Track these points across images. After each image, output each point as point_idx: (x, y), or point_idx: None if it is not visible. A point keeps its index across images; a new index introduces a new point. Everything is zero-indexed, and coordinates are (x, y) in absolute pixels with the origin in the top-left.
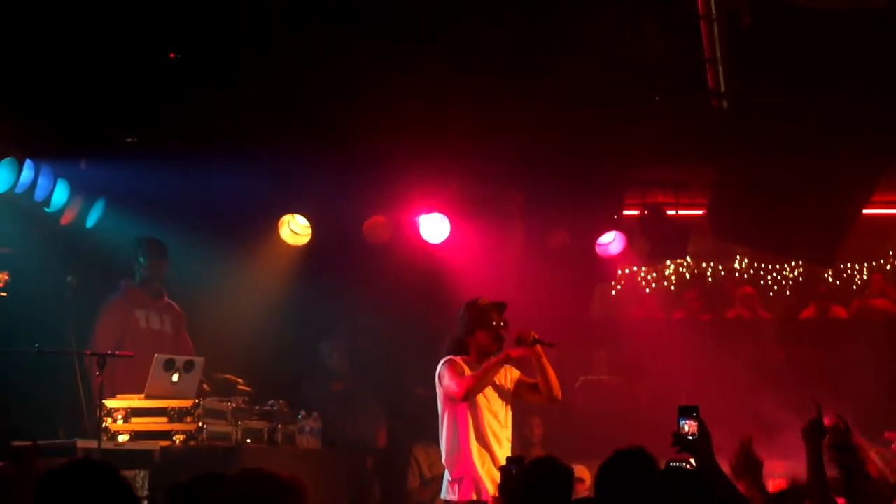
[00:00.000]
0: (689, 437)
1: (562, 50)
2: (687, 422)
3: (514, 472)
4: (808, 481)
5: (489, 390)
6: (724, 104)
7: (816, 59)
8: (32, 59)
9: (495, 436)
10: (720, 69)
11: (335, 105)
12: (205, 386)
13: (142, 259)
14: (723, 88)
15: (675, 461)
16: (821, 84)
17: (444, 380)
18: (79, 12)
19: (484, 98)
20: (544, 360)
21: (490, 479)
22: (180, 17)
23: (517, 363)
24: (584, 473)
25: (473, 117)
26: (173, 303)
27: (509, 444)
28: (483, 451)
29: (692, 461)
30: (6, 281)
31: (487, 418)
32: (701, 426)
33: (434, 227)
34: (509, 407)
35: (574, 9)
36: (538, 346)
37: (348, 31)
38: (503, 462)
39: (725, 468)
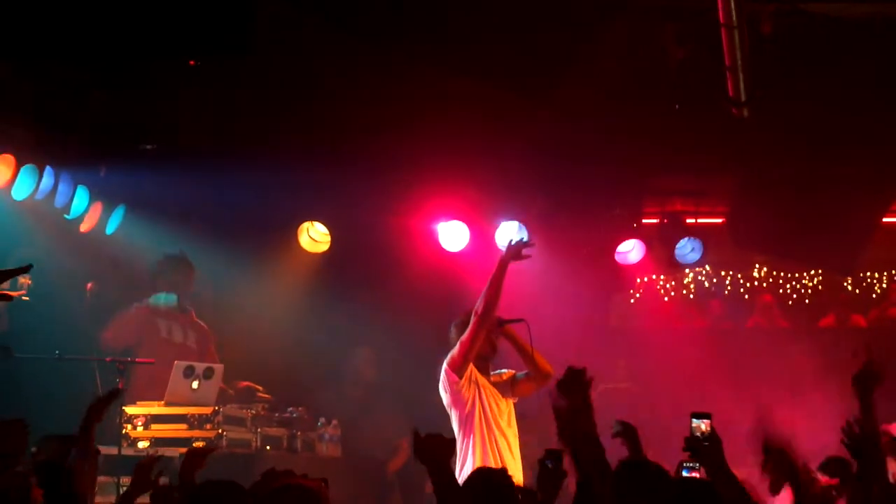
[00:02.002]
0: (703, 441)
1: (582, 58)
2: (699, 426)
3: (552, 467)
4: (861, 430)
5: (496, 409)
6: (745, 112)
7: (836, 66)
8: (52, 67)
9: (510, 451)
10: (741, 77)
11: (355, 112)
12: (230, 391)
13: (167, 276)
14: (743, 97)
15: (689, 462)
16: (840, 92)
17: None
18: (98, 19)
19: (503, 106)
20: (519, 339)
21: None
22: (199, 25)
23: (498, 359)
24: None
25: (493, 125)
26: (201, 322)
27: (519, 457)
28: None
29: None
30: (28, 286)
31: (497, 437)
32: (712, 432)
33: (453, 235)
34: (514, 420)
35: (594, 17)
36: (506, 327)
37: (368, 39)
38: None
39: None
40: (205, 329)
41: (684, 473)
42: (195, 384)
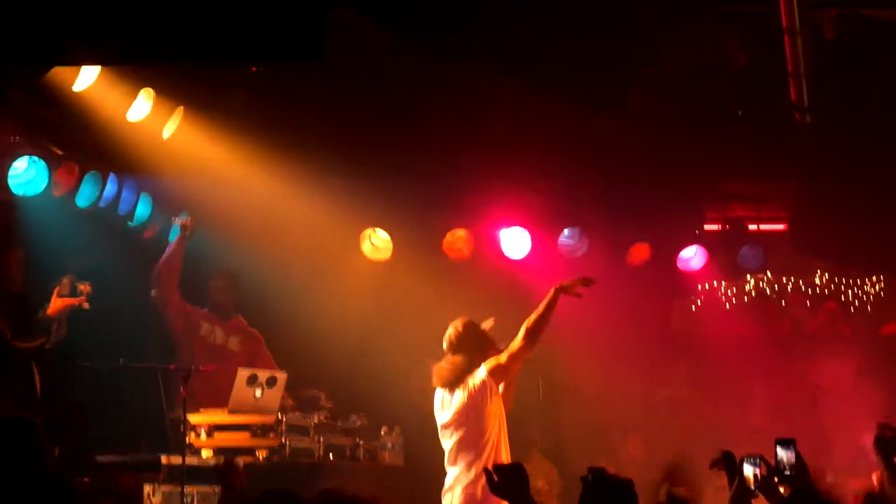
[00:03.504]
0: (787, 473)
1: (644, 64)
2: (784, 453)
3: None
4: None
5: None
6: (808, 118)
7: None
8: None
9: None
10: (803, 83)
11: (416, 119)
12: (289, 401)
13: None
14: (806, 102)
15: (752, 456)
16: None
17: (496, 370)
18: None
19: (565, 113)
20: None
21: None
22: (264, 30)
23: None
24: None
25: (554, 132)
26: (251, 329)
27: None
28: None
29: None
30: (88, 292)
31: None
32: (798, 459)
33: (516, 242)
34: None
35: (657, 23)
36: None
37: (434, 48)
38: None
39: None
40: (254, 334)
41: (746, 468)
42: (258, 392)
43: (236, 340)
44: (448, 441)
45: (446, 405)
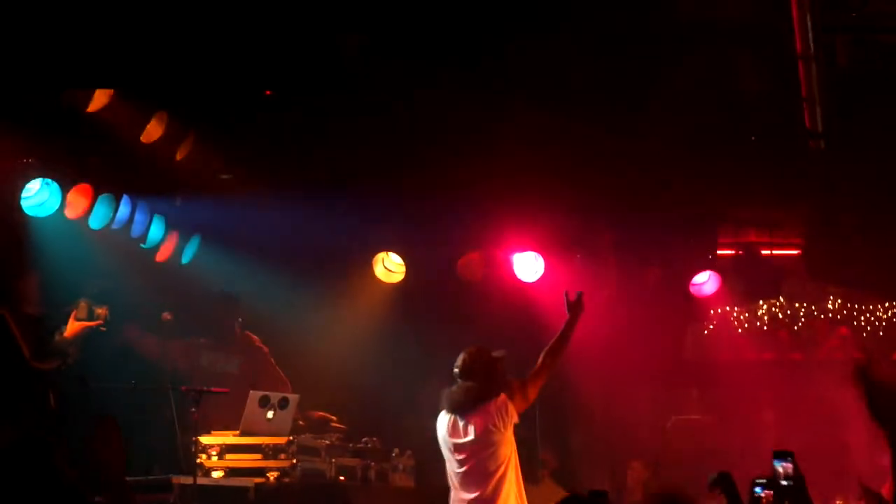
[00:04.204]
0: (783, 482)
1: (657, 90)
2: (782, 465)
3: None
4: None
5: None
6: (822, 144)
7: None
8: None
9: None
10: (817, 109)
11: (430, 144)
12: (300, 422)
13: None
14: (820, 128)
15: (761, 478)
16: None
17: (519, 400)
18: (175, 48)
19: (578, 138)
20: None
21: None
22: (277, 56)
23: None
24: None
25: (567, 156)
26: (255, 343)
27: None
28: None
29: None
30: (105, 317)
31: None
32: (796, 471)
33: (528, 266)
34: None
35: (670, 49)
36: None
37: (442, 72)
38: None
39: None
40: (258, 350)
41: (756, 491)
42: (270, 414)
43: (236, 362)
44: (460, 466)
45: (458, 430)
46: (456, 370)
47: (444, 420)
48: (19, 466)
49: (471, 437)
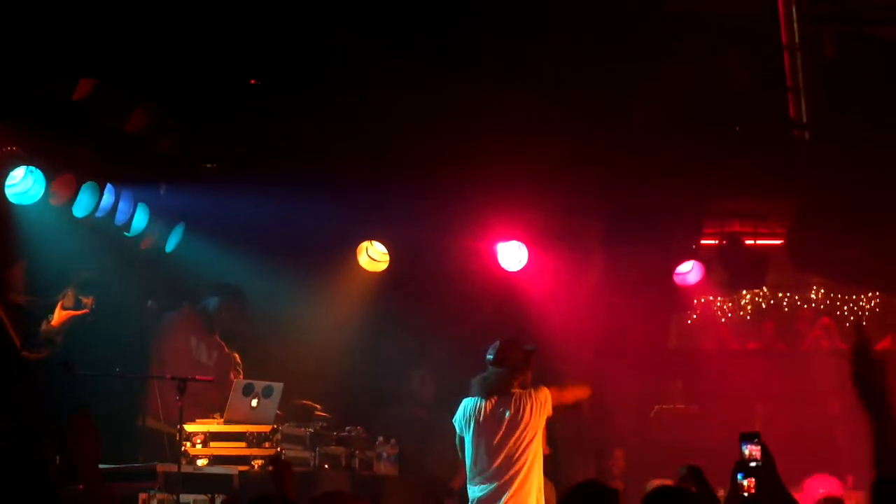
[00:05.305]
0: (752, 464)
1: (643, 81)
2: (749, 447)
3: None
4: None
5: None
6: (806, 135)
7: None
8: (114, 85)
9: None
10: (802, 99)
11: (415, 133)
12: (278, 411)
13: (218, 306)
14: (805, 118)
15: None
16: None
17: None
18: (160, 37)
19: (563, 128)
20: None
21: None
22: (263, 44)
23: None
24: None
25: (552, 146)
26: (231, 352)
27: None
28: None
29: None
30: (91, 305)
31: None
32: (764, 452)
33: (512, 255)
34: None
35: (657, 40)
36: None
37: (431, 62)
38: None
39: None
40: (226, 353)
41: (739, 478)
42: (254, 402)
43: (215, 356)
44: (488, 449)
45: (491, 414)
46: (490, 357)
47: (473, 404)
48: (7, 455)
49: (505, 421)
